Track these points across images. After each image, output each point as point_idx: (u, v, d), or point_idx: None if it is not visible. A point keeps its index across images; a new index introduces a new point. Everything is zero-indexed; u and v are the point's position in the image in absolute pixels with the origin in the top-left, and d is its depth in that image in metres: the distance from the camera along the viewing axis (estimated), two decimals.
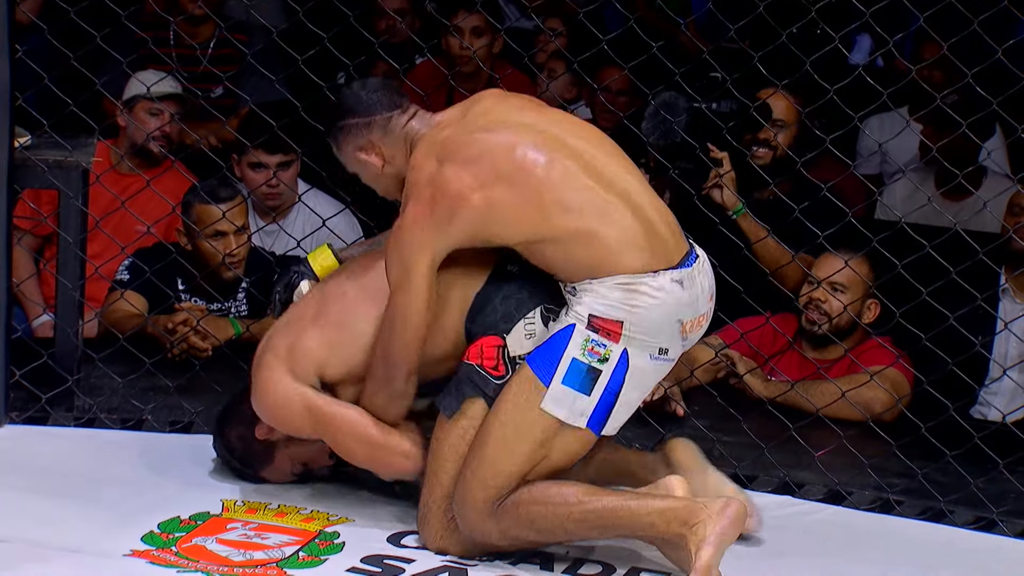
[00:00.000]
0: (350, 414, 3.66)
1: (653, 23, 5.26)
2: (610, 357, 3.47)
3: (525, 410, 3.50)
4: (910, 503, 4.11)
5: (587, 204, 3.49)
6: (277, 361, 3.69)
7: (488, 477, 3.50)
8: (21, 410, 4.32)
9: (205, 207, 4.90)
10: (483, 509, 3.50)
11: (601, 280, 3.47)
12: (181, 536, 3.66)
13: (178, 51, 5.85)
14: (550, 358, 3.49)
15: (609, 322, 3.47)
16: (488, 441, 3.51)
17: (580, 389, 3.48)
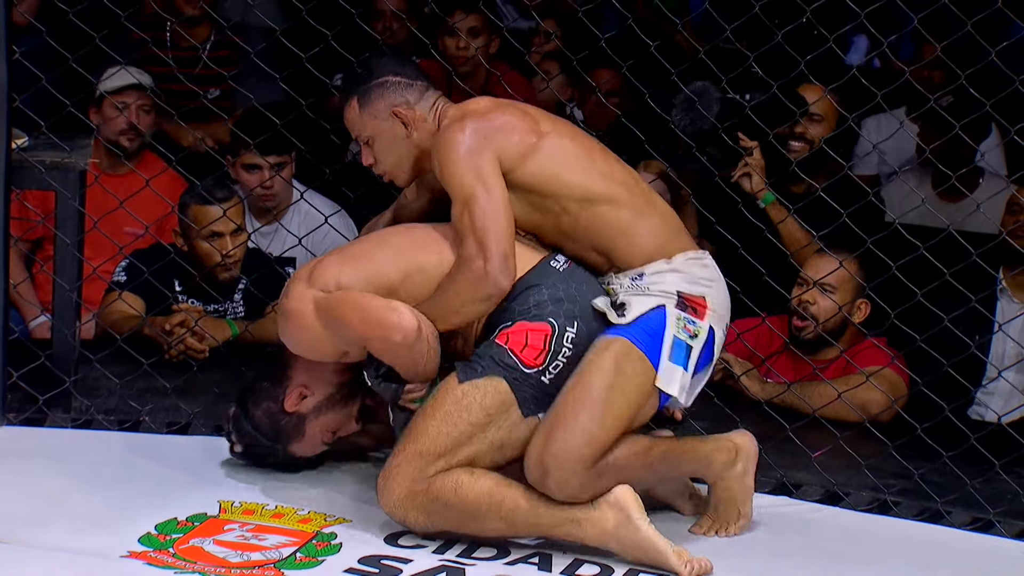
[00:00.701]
0: (348, 292, 3.66)
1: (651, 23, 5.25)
2: (699, 334, 3.62)
3: (632, 378, 3.57)
4: (907, 504, 4.11)
5: (632, 183, 3.71)
6: (298, 281, 3.72)
7: (598, 436, 3.54)
8: (18, 411, 4.32)
9: (201, 208, 4.90)
10: (588, 466, 3.54)
11: (672, 259, 3.64)
12: (178, 537, 3.66)
13: (175, 53, 5.84)
14: (652, 336, 3.59)
15: (694, 299, 3.63)
16: (596, 403, 3.54)
17: (683, 365, 3.61)
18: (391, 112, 3.71)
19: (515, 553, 3.65)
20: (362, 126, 3.75)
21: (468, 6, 5.52)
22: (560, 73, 6.12)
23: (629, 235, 3.66)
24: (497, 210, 3.56)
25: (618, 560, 3.64)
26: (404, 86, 3.72)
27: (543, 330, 3.61)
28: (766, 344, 4.86)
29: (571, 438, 3.53)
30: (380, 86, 3.72)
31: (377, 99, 3.72)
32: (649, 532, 3.57)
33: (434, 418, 3.60)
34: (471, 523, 3.61)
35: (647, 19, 5.31)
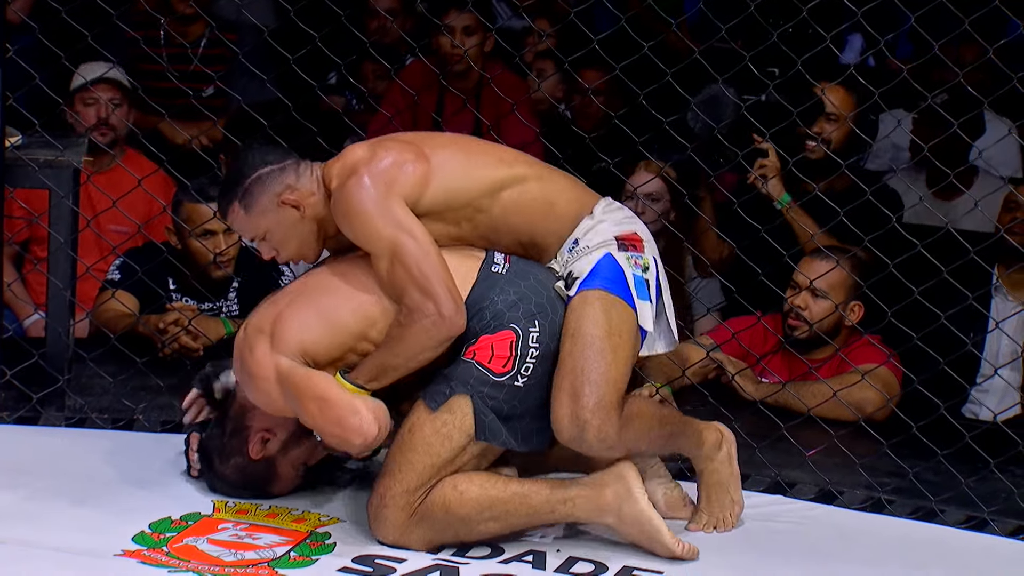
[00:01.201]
0: (314, 374, 3.61)
1: (646, 23, 5.25)
2: (649, 265, 3.68)
3: (620, 321, 3.61)
4: (901, 502, 4.11)
5: (527, 157, 3.76)
6: (261, 335, 3.65)
7: (618, 380, 3.59)
8: (12, 410, 4.32)
9: (195, 206, 4.89)
10: (620, 411, 3.58)
11: (593, 212, 3.69)
12: (172, 536, 3.66)
13: (168, 51, 5.84)
14: (615, 280, 3.63)
15: (629, 235, 3.69)
16: (605, 350, 3.57)
17: (648, 299, 3.66)
18: (278, 203, 3.65)
19: (509, 551, 3.65)
20: (254, 226, 3.69)
21: (462, 5, 5.51)
22: (554, 73, 6.12)
23: (547, 207, 3.68)
24: (427, 251, 3.54)
25: (611, 556, 3.64)
26: (279, 171, 3.65)
27: (507, 337, 3.61)
28: (760, 343, 4.87)
29: (598, 388, 3.56)
30: (257, 181, 3.65)
31: (259, 195, 3.65)
32: (647, 507, 3.60)
33: (415, 451, 3.60)
34: (468, 531, 3.63)
35: (641, 19, 5.30)
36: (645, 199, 5.22)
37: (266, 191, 3.64)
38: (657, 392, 4.52)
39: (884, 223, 4.25)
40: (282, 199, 3.64)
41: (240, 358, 3.70)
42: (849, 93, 5.04)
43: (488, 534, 3.64)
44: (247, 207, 3.66)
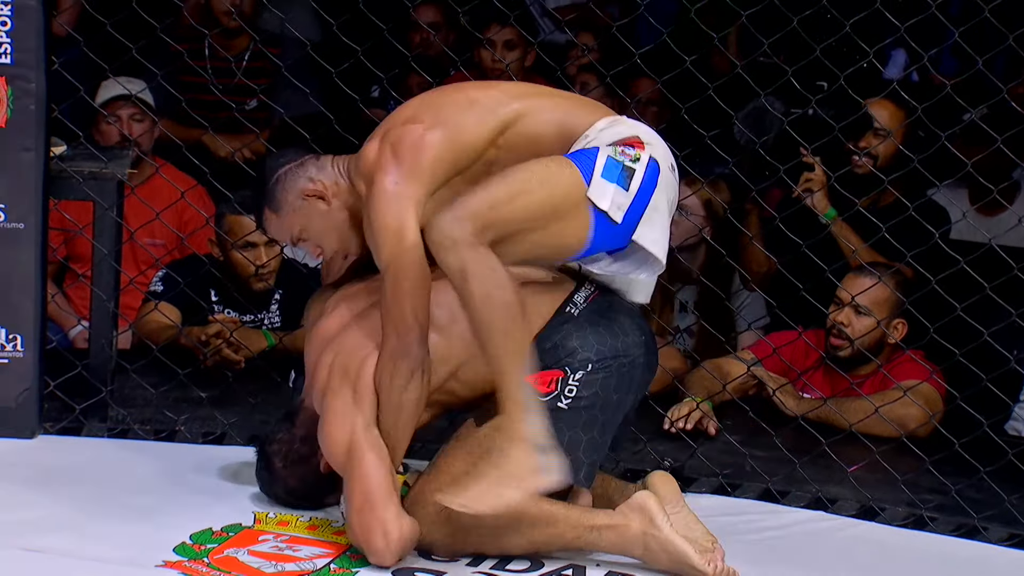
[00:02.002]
0: (374, 466, 3.58)
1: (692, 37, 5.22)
2: (641, 157, 3.57)
3: (558, 177, 3.53)
4: (943, 519, 4.09)
5: (521, 87, 3.76)
6: (346, 381, 3.67)
7: (503, 202, 3.49)
8: (55, 420, 4.34)
9: (237, 218, 4.91)
10: (478, 229, 3.45)
11: (594, 127, 3.61)
12: (213, 547, 3.67)
13: (213, 64, 5.87)
14: (585, 157, 3.55)
15: (627, 139, 3.59)
16: (513, 180, 3.51)
17: (619, 183, 3.54)
18: (303, 197, 3.67)
19: (549, 566, 3.64)
20: (289, 227, 3.71)
21: (504, 19, 5.52)
22: (597, 86, 6.11)
23: (555, 132, 3.63)
24: (423, 277, 3.55)
25: (651, 574, 3.62)
26: (297, 167, 3.68)
27: (554, 375, 3.61)
28: (802, 358, 4.85)
29: (472, 196, 3.49)
30: (278, 182, 3.68)
31: (283, 194, 3.67)
32: (674, 536, 3.56)
33: (457, 459, 3.61)
34: (494, 542, 3.62)
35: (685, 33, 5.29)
36: (686, 213, 5.21)
37: (289, 189, 3.67)
38: (698, 407, 4.51)
39: (932, 239, 4.22)
40: (306, 193, 3.66)
41: (320, 394, 3.71)
42: (899, 109, 5.01)
43: (512, 549, 3.63)
44: (276, 209, 3.69)
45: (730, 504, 4.14)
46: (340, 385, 3.67)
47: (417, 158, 3.56)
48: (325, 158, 3.72)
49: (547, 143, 3.61)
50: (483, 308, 3.46)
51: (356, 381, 3.65)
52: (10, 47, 4.13)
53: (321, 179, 3.67)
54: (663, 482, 3.75)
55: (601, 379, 3.61)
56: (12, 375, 4.25)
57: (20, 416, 4.26)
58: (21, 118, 4.15)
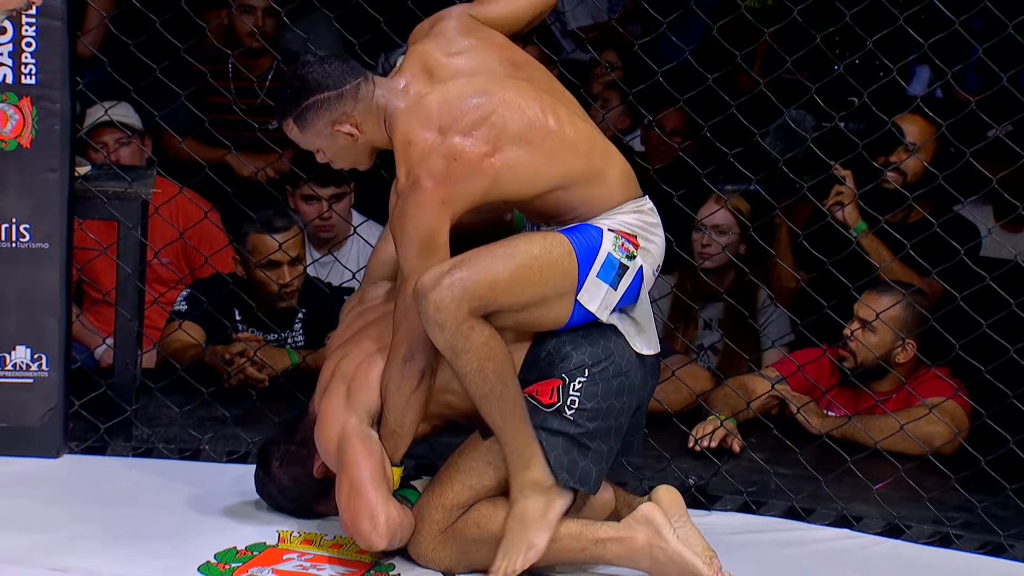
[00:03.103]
0: (363, 458, 3.62)
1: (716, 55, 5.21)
2: (636, 256, 3.58)
3: (556, 265, 3.52)
4: (969, 537, 4.07)
5: (591, 144, 3.61)
6: (337, 397, 3.71)
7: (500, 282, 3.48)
8: (80, 440, 4.34)
9: (260, 237, 4.92)
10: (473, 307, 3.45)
11: (617, 209, 3.60)
12: (238, 567, 3.67)
13: (236, 84, 5.88)
14: (587, 249, 3.55)
15: (626, 235, 3.59)
16: (512, 257, 3.49)
17: (611, 284, 3.57)
18: (332, 130, 3.58)
19: None
20: (307, 142, 3.65)
21: (525, 38, 5.52)
22: (620, 104, 6.12)
23: (580, 203, 3.59)
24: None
25: None
26: (335, 99, 3.55)
27: (553, 384, 3.62)
28: (826, 376, 4.83)
29: (473, 272, 3.46)
30: (312, 107, 3.55)
31: (314, 120, 3.58)
32: (680, 547, 3.56)
33: (459, 471, 3.63)
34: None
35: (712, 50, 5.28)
36: (713, 231, 5.20)
37: (321, 117, 3.57)
38: (722, 424, 4.50)
39: (959, 256, 4.21)
40: (336, 128, 3.58)
41: (319, 396, 3.77)
42: (929, 124, 4.99)
43: None
44: (301, 127, 3.60)
45: (755, 522, 4.13)
46: (337, 386, 3.71)
47: (470, 180, 3.50)
48: (366, 87, 3.56)
49: (581, 211, 3.60)
50: (477, 382, 3.51)
51: (351, 381, 3.69)
52: (35, 68, 4.15)
53: (355, 115, 3.57)
54: (668, 495, 3.77)
55: (602, 388, 3.61)
56: (37, 395, 4.26)
57: (45, 435, 4.27)
58: (46, 138, 4.17)
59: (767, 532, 4.07)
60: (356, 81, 3.56)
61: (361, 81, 3.57)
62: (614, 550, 3.59)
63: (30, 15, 4.11)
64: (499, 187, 3.53)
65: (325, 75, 3.56)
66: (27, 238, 4.20)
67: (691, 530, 3.68)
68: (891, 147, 5.01)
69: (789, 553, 3.95)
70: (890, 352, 4.68)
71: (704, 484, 4.22)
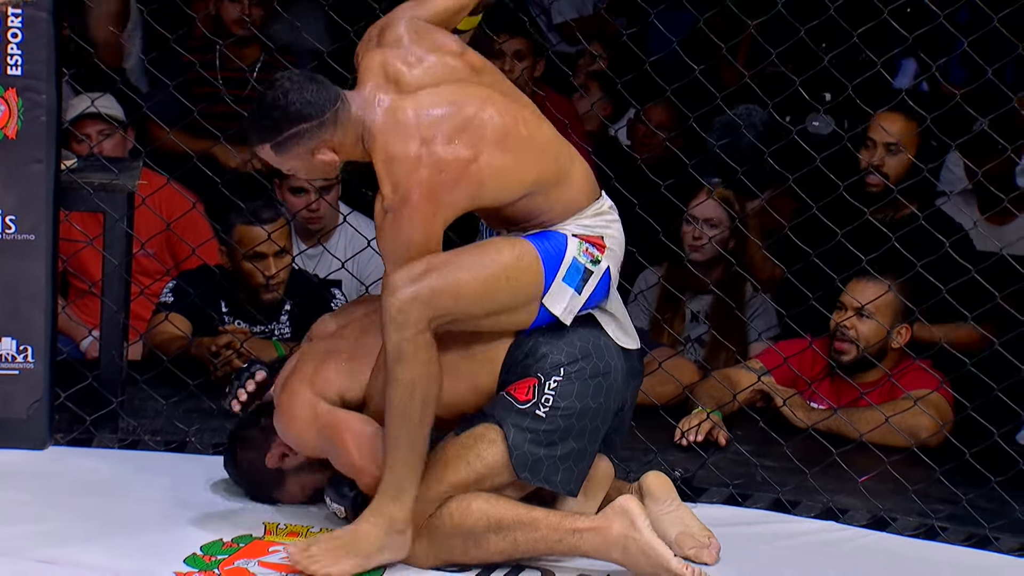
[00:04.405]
0: (353, 418, 3.67)
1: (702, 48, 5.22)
2: (601, 260, 3.61)
3: (522, 274, 3.55)
4: (954, 529, 4.08)
5: (557, 148, 3.64)
6: (301, 384, 3.73)
7: (455, 292, 3.49)
8: (66, 431, 4.34)
9: (247, 228, 4.91)
10: (428, 312, 3.46)
11: (580, 213, 3.62)
12: (224, 558, 3.67)
13: (224, 74, 5.87)
14: (552, 254, 3.57)
15: (592, 237, 3.61)
16: (477, 265, 3.52)
17: (575, 288, 3.59)
18: (312, 157, 3.55)
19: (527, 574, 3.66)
20: (281, 164, 3.61)
21: (513, 29, 5.52)
22: (601, 95, 6.12)
23: (549, 206, 3.61)
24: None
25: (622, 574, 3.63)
26: (316, 127, 3.50)
27: (531, 382, 3.63)
28: (809, 367, 4.83)
29: (444, 281, 3.47)
30: (293, 137, 3.51)
31: (294, 148, 3.53)
32: (653, 539, 3.56)
33: (433, 467, 3.62)
34: (474, 549, 3.62)
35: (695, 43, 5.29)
36: (705, 224, 5.21)
37: (302, 145, 3.52)
38: (708, 417, 4.51)
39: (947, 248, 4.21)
40: (318, 155, 3.54)
41: (279, 400, 3.78)
42: (909, 121, 4.99)
43: (495, 554, 3.63)
44: (279, 153, 3.55)
45: (741, 514, 4.13)
46: (297, 386, 3.74)
47: (458, 189, 3.50)
48: (344, 111, 3.50)
49: (548, 216, 3.61)
50: (402, 394, 3.50)
51: (311, 381, 3.72)
52: (20, 59, 4.14)
53: (336, 137, 3.53)
54: (656, 480, 3.80)
55: (578, 387, 3.62)
56: (23, 386, 4.26)
57: (31, 427, 4.27)
58: (31, 130, 4.16)
59: (753, 524, 4.08)
60: (335, 107, 3.51)
61: (339, 105, 3.52)
62: (590, 540, 3.59)
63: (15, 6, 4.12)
64: (484, 193, 3.54)
65: (306, 104, 3.50)
66: (12, 230, 4.20)
67: (684, 511, 3.75)
68: (863, 146, 5.01)
69: (775, 545, 3.95)
70: (886, 339, 4.69)
71: (690, 477, 4.23)
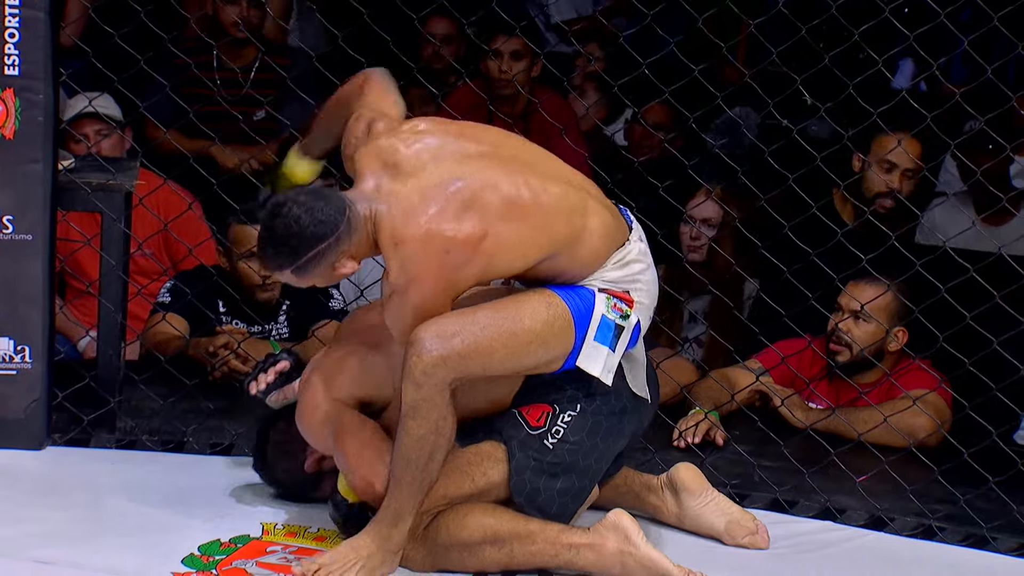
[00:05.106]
0: (360, 425, 3.66)
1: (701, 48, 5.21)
2: (630, 315, 3.56)
3: (554, 339, 3.50)
4: (952, 529, 4.08)
5: (569, 206, 3.54)
6: (319, 381, 3.73)
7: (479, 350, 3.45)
8: (64, 432, 4.34)
9: (242, 228, 4.91)
10: (451, 366, 3.43)
11: (601, 268, 3.56)
12: (221, 559, 3.67)
13: (220, 75, 5.87)
14: (581, 313, 3.52)
15: (618, 295, 3.57)
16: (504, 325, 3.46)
17: (610, 346, 3.55)
18: (333, 272, 3.50)
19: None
20: (301, 283, 3.57)
21: (510, 30, 5.53)
22: (598, 96, 6.11)
23: (571, 264, 3.55)
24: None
25: None
26: (334, 244, 3.43)
27: (545, 408, 3.63)
28: (808, 367, 4.83)
29: (472, 346, 3.44)
30: (314, 259, 3.45)
31: (315, 267, 3.47)
32: (650, 551, 3.55)
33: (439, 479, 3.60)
34: (470, 559, 3.62)
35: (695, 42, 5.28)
36: (703, 225, 5.21)
37: (322, 263, 3.46)
38: (706, 417, 4.50)
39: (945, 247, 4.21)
40: (338, 270, 3.49)
41: (303, 403, 3.77)
42: (912, 138, 4.98)
43: (490, 566, 3.62)
44: (299, 274, 3.50)
45: None
46: (315, 378, 3.75)
47: (466, 267, 3.43)
48: (353, 216, 3.43)
49: (568, 275, 3.56)
50: (413, 446, 3.48)
51: (327, 378, 3.73)
52: (18, 59, 4.13)
53: (352, 247, 3.47)
54: (688, 473, 3.82)
55: (590, 424, 3.62)
56: (20, 386, 4.25)
57: (28, 427, 4.27)
58: (29, 129, 4.15)
59: None
60: (345, 216, 3.43)
61: (349, 214, 3.44)
62: (587, 556, 3.58)
63: (12, 5, 4.11)
64: (495, 267, 3.48)
65: (319, 224, 3.42)
66: (10, 229, 4.19)
67: (722, 500, 3.82)
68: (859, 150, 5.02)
69: (773, 545, 3.94)
70: (883, 341, 4.69)
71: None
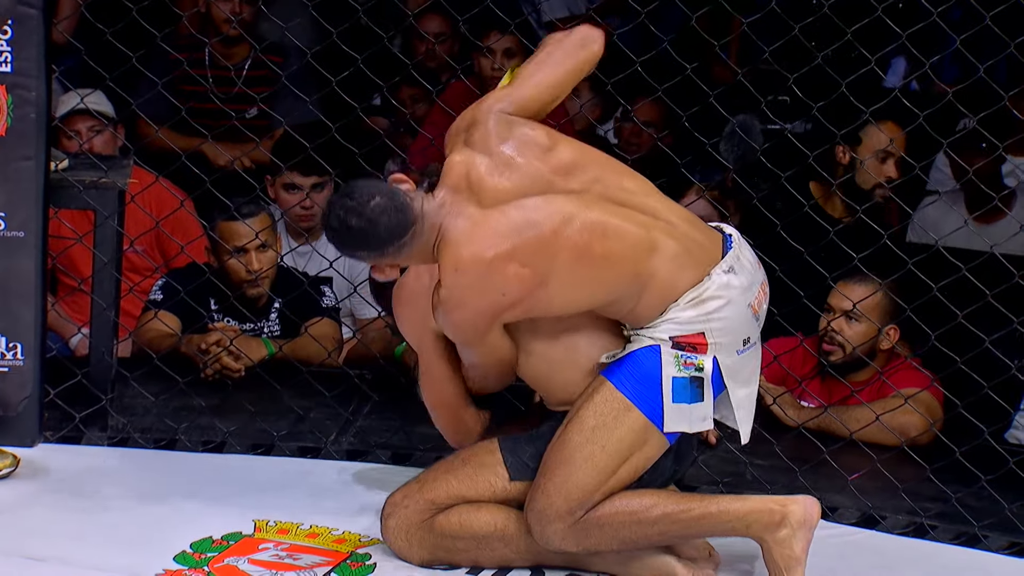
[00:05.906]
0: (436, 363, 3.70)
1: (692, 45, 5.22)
2: (704, 366, 3.49)
3: (613, 428, 3.49)
4: (944, 528, 4.08)
5: (636, 246, 3.46)
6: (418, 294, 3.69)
7: (574, 491, 3.49)
8: (55, 429, 4.33)
9: (227, 224, 4.92)
10: (568, 523, 3.50)
11: (670, 308, 3.48)
12: (213, 556, 3.67)
13: (213, 72, 5.87)
14: (647, 383, 3.49)
15: (691, 336, 3.48)
16: (571, 459, 3.49)
17: (693, 400, 3.51)
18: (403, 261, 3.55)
19: (550, 574, 3.65)
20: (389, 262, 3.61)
21: (503, 27, 5.53)
22: (592, 95, 6.11)
23: (638, 302, 3.50)
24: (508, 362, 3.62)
25: None
26: (402, 246, 3.43)
27: None
28: (799, 365, 4.84)
29: (546, 496, 3.50)
30: (405, 245, 3.43)
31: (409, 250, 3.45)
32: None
33: (455, 476, 3.62)
34: (475, 550, 3.63)
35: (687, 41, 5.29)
36: None
37: (393, 256, 3.47)
38: None
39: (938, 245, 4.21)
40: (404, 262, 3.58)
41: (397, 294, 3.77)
42: (898, 127, 4.99)
43: (493, 561, 3.64)
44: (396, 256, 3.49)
45: None
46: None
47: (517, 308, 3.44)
48: (422, 223, 3.42)
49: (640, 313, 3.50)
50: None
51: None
52: (10, 55, 4.13)
53: (417, 249, 3.46)
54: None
55: None
56: (12, 383, 4.25)
57: (20, 424, 4.26)
58: (21, 126, 4.15)
59: None
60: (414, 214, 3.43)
61: (416, 226, 3.43)
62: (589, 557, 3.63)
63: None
64: (548, 310, 3.48)
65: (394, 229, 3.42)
66: (2, 227, 4.19)
67: None
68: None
69: None
70: (875, 340, 4.70)
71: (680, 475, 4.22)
